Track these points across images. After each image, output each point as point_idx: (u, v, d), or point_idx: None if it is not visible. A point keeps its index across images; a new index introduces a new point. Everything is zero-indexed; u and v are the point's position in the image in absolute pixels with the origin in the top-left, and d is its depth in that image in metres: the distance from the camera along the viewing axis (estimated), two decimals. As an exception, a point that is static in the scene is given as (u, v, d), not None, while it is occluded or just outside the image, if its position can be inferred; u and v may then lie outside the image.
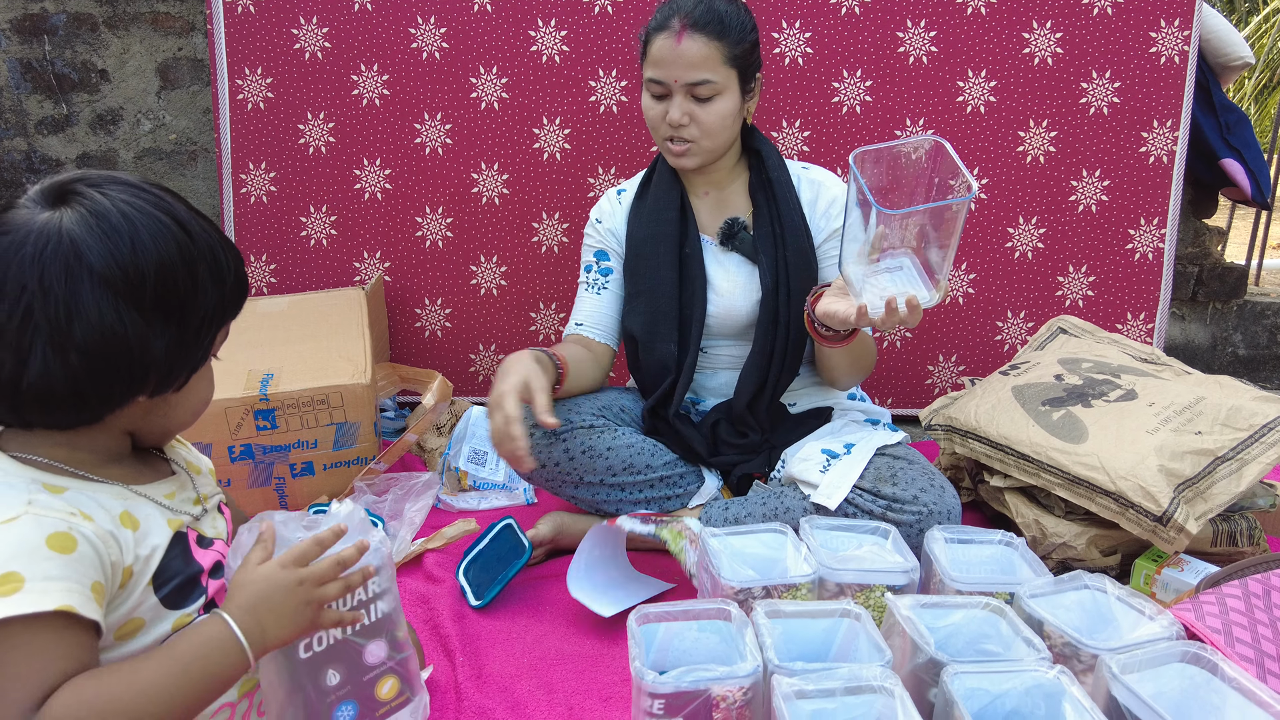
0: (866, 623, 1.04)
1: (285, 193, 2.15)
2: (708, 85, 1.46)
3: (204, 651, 0.71)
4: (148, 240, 0.72)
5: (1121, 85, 2.10)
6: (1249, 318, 2.52)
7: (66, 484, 0.74)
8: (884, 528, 1.29)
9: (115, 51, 2.30)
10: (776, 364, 1.57)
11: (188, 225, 0.75)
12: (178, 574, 0.77)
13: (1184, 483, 1.38)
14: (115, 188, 0.73)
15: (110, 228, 0.71)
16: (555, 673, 1.24)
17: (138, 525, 0.75)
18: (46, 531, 0.68)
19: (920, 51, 2.08)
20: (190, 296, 0.75)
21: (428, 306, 2.22)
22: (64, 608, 0.65)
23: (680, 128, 1.48)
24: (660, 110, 1.49)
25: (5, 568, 0.65)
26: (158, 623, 0.76)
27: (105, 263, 0.70)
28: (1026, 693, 0.94)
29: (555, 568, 1.54)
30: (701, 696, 0.93)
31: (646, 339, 1.59)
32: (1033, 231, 2.18)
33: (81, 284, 0.69)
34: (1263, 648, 1.04)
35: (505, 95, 2.10)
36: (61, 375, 0.70)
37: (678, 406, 1.59)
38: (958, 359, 2.25)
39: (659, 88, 1.48)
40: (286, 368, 1.69)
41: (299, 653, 0.77)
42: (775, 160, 1.59)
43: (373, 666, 0.82)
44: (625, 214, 1.66)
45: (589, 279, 1.68)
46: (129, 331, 0.71)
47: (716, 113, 1.48)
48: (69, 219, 0.70)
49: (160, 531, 0.77)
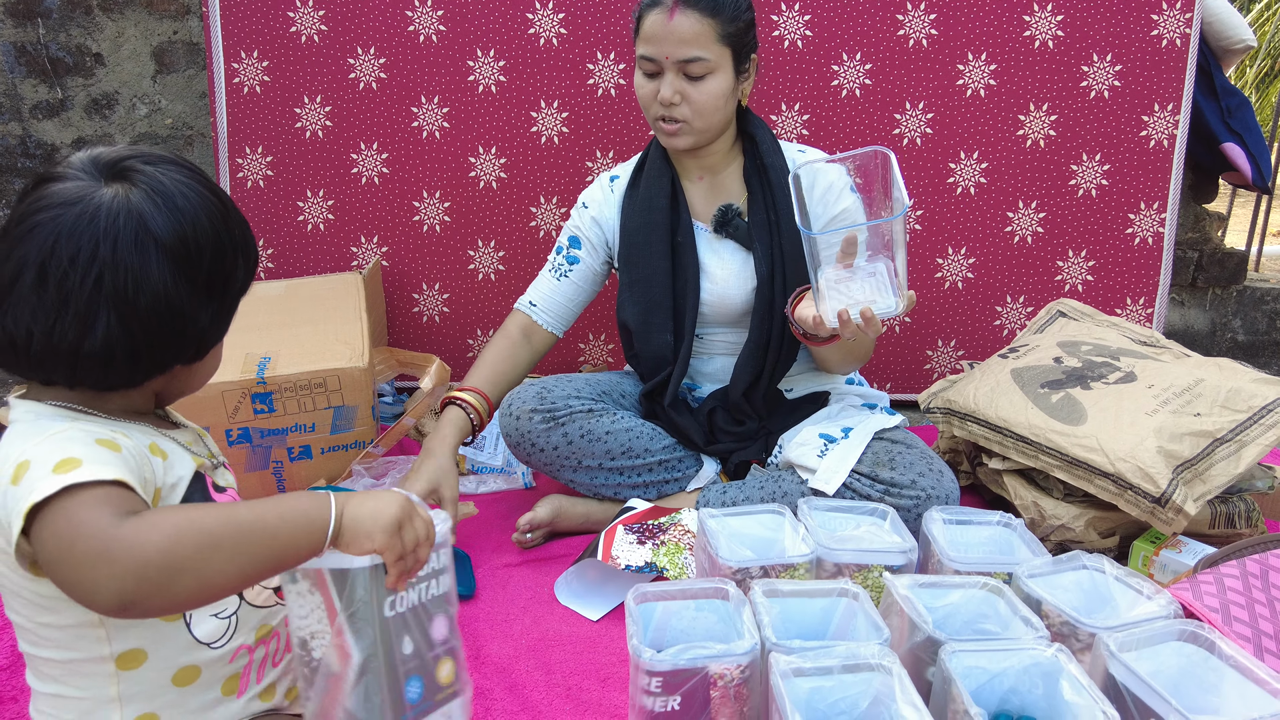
0: (864, 602, 1.04)
1: (282, 177, 2.14)
2: (700, 63, 1.44)
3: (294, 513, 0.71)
4: (204, 218, 0.78)
5: (1123, 68, 2.09)
6: (1248, 303, 2.52)
7: (101, 422, 0.79)
8: (882, 509, 1.29)
9: (110, 35, 2.28)
10: (773, 352, 1.56)
11: (228, 204, 0.81)
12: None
13: (1183, 464, 1.38)
14: (168, 167, 0.79)
15: (175, 206, 0.76)
16: (553, 653, 1.25)
17: (166, 455, 0.80)
18: (94, 436, 0.73)
19: (920, 34, 2.07)
20: (232, 271, 0.81)
21: (425, 291, 2.21)
22: (121, 479, 0.69)
23: (671, 106, 1.46)
24: (652, 89, 1.48)
25: (64, 454, 0.69)
26: None
27: (171, 237, 0.75)
28: (1024, 671, 0.94)
29: (554, 550, 1.54)
30: (699, 674, 0.93)
31: (642, 329, 1.59)
32: (1032, 216, 2.17)
33: (150, 256, 0.74)
34: (1260, 627, 1.04)
35: (503, 78, 2.09)
36: (123, 341, 0.74)
37: (673, 396, 1.59)
38: (956, 344, 2.25)
39: (651, 65, 1.46)
40: (284, 351, 1.69)
41: (385, 610, 0.75)
42: (770, 145, 1.57)
43: (437, 643, 0.81)
44: (618, 202, 1.64)
45: (555, 261, 1.67)
46: (184, 302, 0.76)
47: (708, 92, 1.46)
48: (135, 195, 0.75)
49: (185, 464, 0.82)
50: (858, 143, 2.12)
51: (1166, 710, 0.84)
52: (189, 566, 0.65)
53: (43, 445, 0.71)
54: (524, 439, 1.53)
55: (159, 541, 0.64)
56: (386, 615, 0.75)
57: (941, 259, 2.19)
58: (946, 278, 2.20)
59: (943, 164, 2.14)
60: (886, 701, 0.89)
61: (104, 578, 0.63)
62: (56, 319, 0.72)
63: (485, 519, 1.63)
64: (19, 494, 0.67)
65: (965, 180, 2.15)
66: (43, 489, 0.66)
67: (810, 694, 0.90)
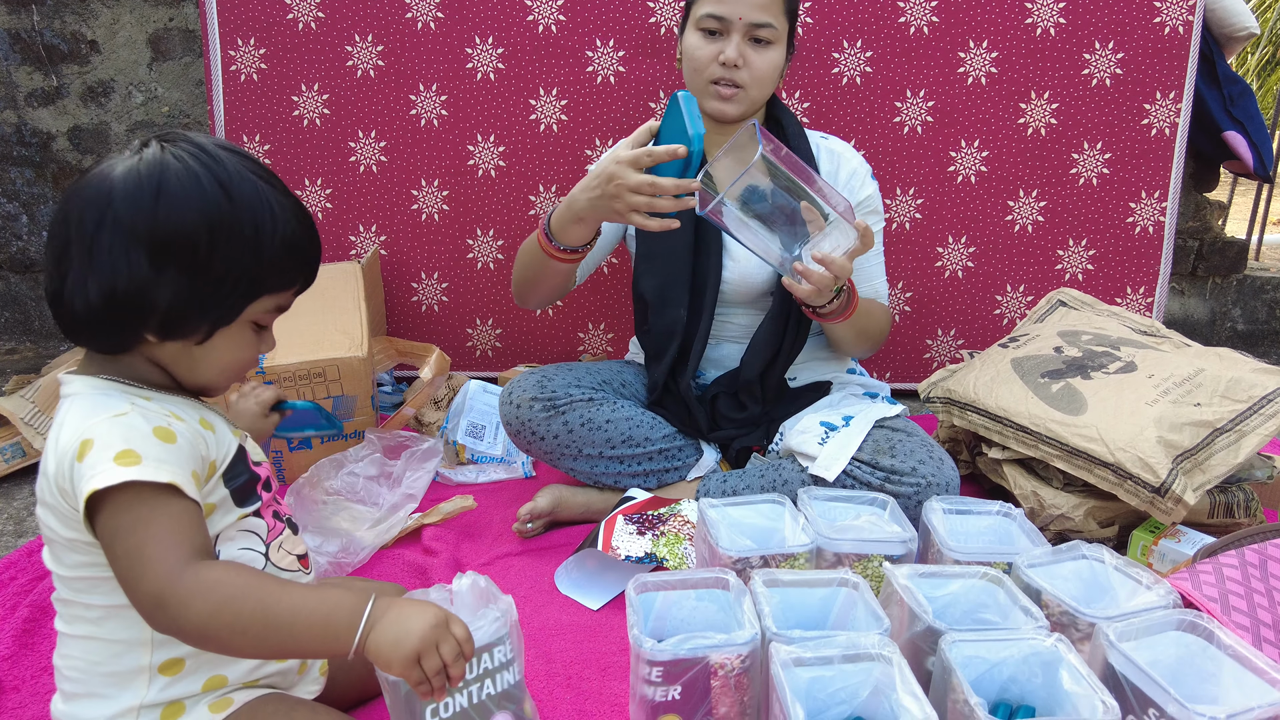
0: (864, 592, 1.04)
1: (280, 166, 2.13)
2: (768, 29, 1.43)
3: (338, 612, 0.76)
4: (176, 198, 0.78)
5: (1124, 56, 2.08)
6: (1248, 292, 2.52)
7: (151, 394, 0.83)
8: (882, 498, 1.29)
9: (105, 22, 2.27)
10: (790, 333, 1.56)
11: (231, 189, 0.80)
12: (242, 474, 0.87)
13: (1182, 454, 1.38)
14: (183, 145, 0.81)
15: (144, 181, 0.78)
16: (554, 643, 1.25)
17: (214, 428, 0.85)
18: (152, 424, 0.78)
19: (921, 21, 2.05)
20: (208, 256, 0.79)
21: (424, 280, 2.21)
22: (173, 482, 0.75)
23: (734, 70, 1.44)
24: (713, 50, 1.45)
25: (125, 446, 0.75)
26: (226, 514, 0.85)
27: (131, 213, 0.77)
28: (1024, 660, 0.95)
29: (554, 540, 1.54)
30: (700, 664, 0.93)
31: (657, 302, 1.58)
32: (1033, 205, 2.16)
33: (104, 228, 0.77)
34: (1258, 616, 1.04)
35: (501, 66, 2.08)
36: (83, 302, 0.77)
37: (693, 372, 1.58)
38: (956, 333, 2.25)
39: (717, 23, 1.43)
40: (283, 341, 1.67)
41: (427, 715, 0.77)
42: (796, 129, 1.58)
43: None
44: None
45: None
46: (131, 273, 0.77)
47: (770, 61, 1.46)
48: (121, 168, 0.79)
49: (228, 437, 0.87)
50: (858, 131, 2.11)
51: (1165, 699, 0.84)
52: (218, 638, 0.74)
53: (104, 426, 0.76)
54: (524, 427, 1.53)
55: (202, 610, 0.72)
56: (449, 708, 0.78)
57: (942, 248, 2.19)
58: (947, 267, 2.20)
59: (943, 152, 2.13)
60: (886, 691, 0.90)
61: (148, 608, 0.73)
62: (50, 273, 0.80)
63: (485, 509, 1.63)
64: (82, 472, 0.74)
65: (966, 169, 2.14)
66: (104, 477, 0.72)
67: (810, 683, 0.91)
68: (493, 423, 1.86)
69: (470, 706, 0.79)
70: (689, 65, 1.50)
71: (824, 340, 1.67)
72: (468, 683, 0.79)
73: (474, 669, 0.80)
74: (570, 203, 1.36)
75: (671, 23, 2.05)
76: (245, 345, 0.87)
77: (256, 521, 0.88)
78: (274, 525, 0.91)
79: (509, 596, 0.84)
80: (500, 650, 0.82)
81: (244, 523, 0.86)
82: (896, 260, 2.18)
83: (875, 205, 1.62)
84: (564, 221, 1.38)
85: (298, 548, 0.94)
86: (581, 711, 1.12)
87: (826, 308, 1.40)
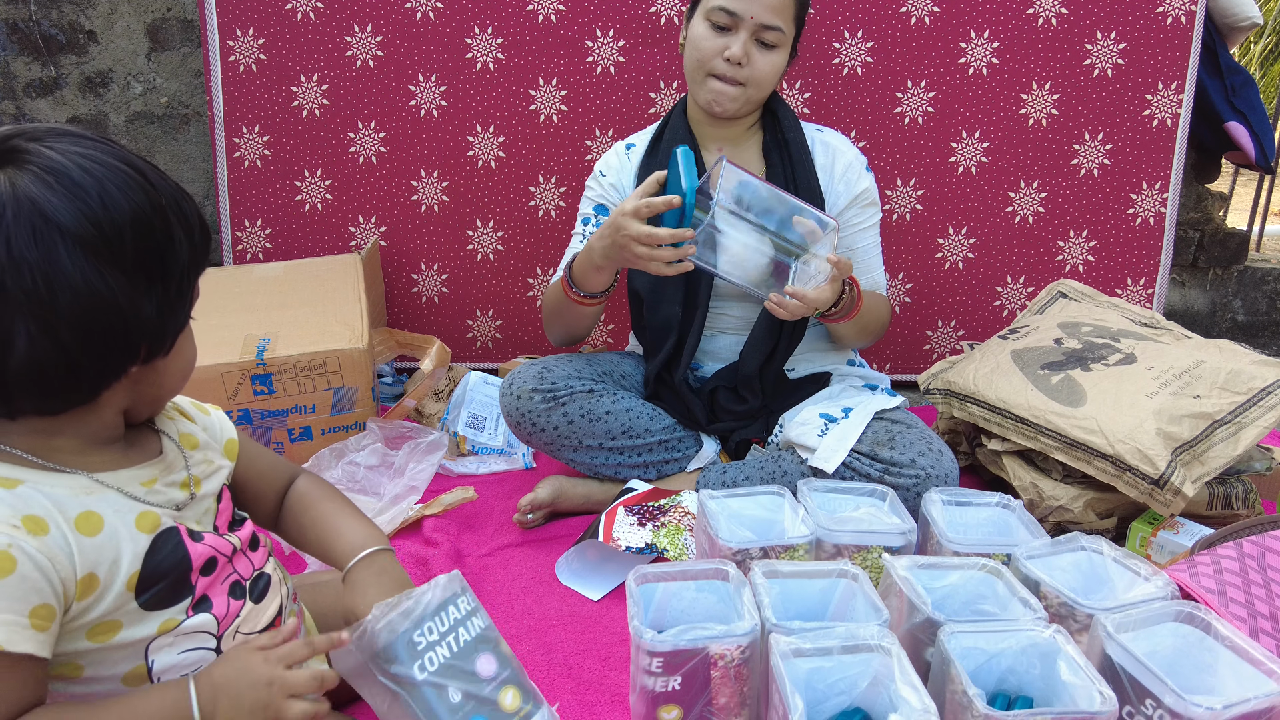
0: (864, 583, 1.04)
1: (279, 157, 2.13)
2: (776, 33, 1.44)
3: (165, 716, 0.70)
4: (116, 193, 0.66)
5: (1126, 46, 2.07)
6: (1249, 284, 2.51)
7: (23, 475, 0.68)
8: (881, 490, 1.29)
9: (103, 11, 2.26)
10: (789, 327, 1.56)
11: (147, 173, 0.70)
12: (164, 576, 0.73)
13: (1181, 446, 1.39)
14: (61, 140, 0.67)
15: (73, 183, 0.64)
16: (555, 633, 1.25)
17: (100, 527, 0.70)
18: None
19: (922, 11, 2.04)
20: (168, 248, 0.70)
21: (424, 272, 2.21)
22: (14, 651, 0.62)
23: (738, 66, 1.44)
24: (719, 43, 1.45)
25: None
26: (139, 625, 0.72)
27: (77, 221, 0.64)
28: (1022, 652, 0.95)
29: (554, 531, 1.54)
30: (700, 655, 0.93)
31: (652, 299, 1.58)
32: (1033, 196, 2.16)
33: (56, 248, 0.63)
34: (1256, 608, 1.05)
35: (501, 56, 2.07)
36: (52, 353, 0.64)
37: (686, 368, 1.59)
38: (957, 324, 2.25)
39: (727, 18, 1.43)
40: (283, 333, 1.69)
41: (417, 673, 0.77)
42: (791, 121, 1.58)
43: (489, 679, 0.82)
44: (635, 170, 1.63)
45: (585, 233, 1.66)
46: (117, 294, 0.66)
47: (773, 64, 1.46)
48: (23, 180, 0.63)
49: (130, 533, 0.72)
50: (859, 121, 2.11)
51: (1162, 690, 0.85)
52: None
53: None
54: (524, 418, 1.53)
55: None
56: (419, 679, 0.78)
57: (942, 239, 2.19)
58: (947, 258, 2.20)
59: (944, 143, 2.12)
60: (885, 682, 0.90)
61: None
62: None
63: (486, 500, 1.64)
64: None
65: (966, 160, 2.13)
66: None
67: (810, 674, 0.91)
68: (493, 414, 1.86)
69: (452, 655, 0.81)
70: (692, 53, 1.49)
71: (823, 331, 1.67)
72: (444, 633, 0.80)
73: (445, 621, 0.81)
74: (588, 252, 1.41)
75: (672, 13, 2.04)
76: (192, 338, 0.78)
77: (198, 620, 0.75)
78: (229, 609, 0.78)
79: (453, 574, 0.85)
80: (461, 600, 0.84)
81: (179, 628, 0.74)
82: (897, 251, 2.18)
83: (872, 197, 1.62)
84: (584, 270, 1.44)
85: (265, 615, 0.83)
86: (582, 701, 1.12)
87: (830, 311, 1.43)
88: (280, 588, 0.87)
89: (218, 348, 1.62)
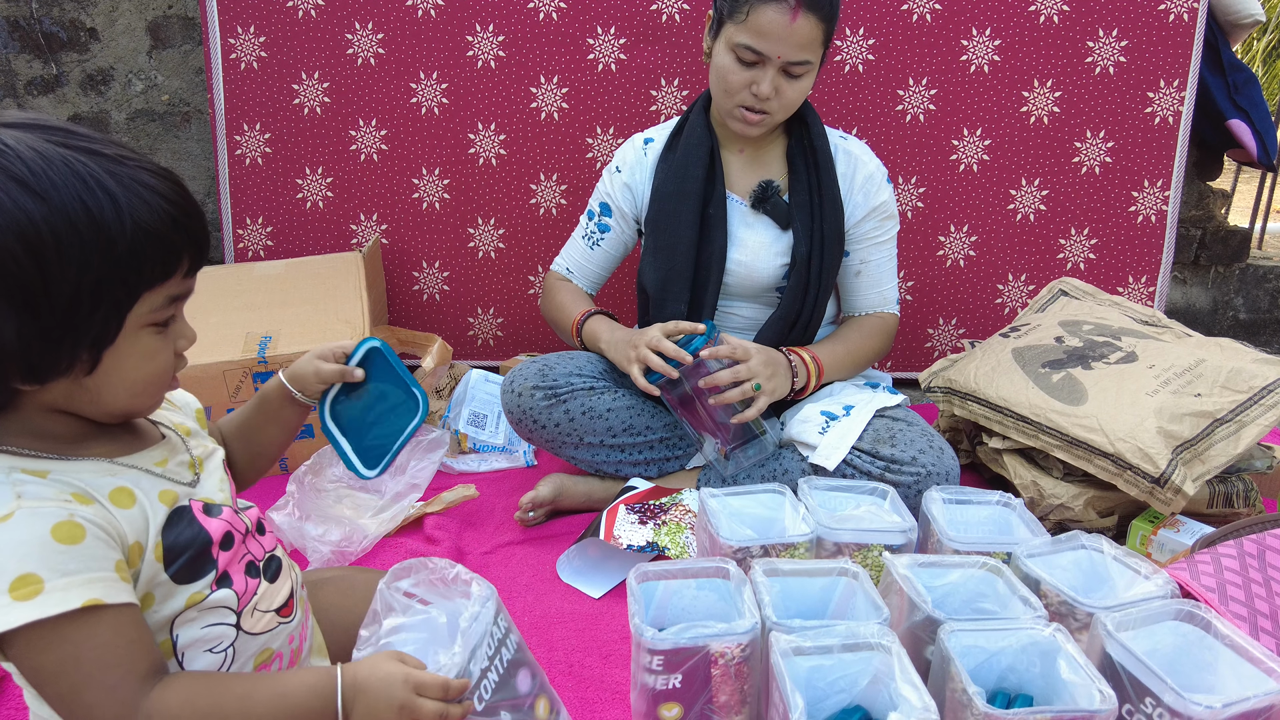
0: (864, 581, 1.04)
1: (280, 154, 2.13)
2: (805, 65, 1.43)
3: (311, 704, 0.72)
4: None
5: (1129, 44, 2.06)
6: (1250, 282, 2.51)
7: (46, 466, 0.68)
8: (882, 488, 1.29)
9: (104, 9, 2.26)
10: (798, 331, 1.56)
11: (41, 188, 0.61)
12: (186, 548, 0.73)
13: (1182, 444, 1.39)
14: None
15: None
16: (555, 631, 1.26)
17: (133, 500, 0.71)
18: (48, 524, 0.63)
19: (924, 9, 2.04)
20: (36, 279, 0.62)
21: (425, 269, 2.21)
22: (90, 602, 0.62)
23: (766, 101, 1.44)
24: (746, 78, 1.43)
25: (20, 570, 0.61)
26: (169, 599, 0.72)
27: None
28: (1022, 650, 0.95)
29: (555, 529, 1.55)
30: (700, 653, 0.94)
31: (659, 296, 1.58)
32: (1035, 193, 2.16)
33: None
34: (1256, 606, 1.05)
35: (502, 53, 2.07)
36: None
37: None
38: (958, 322, 2.25)
39: (754, 56, 1.41)
40: (285, 330, 1.69)
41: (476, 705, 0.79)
42: (819, 129, 1.57)
43: (526, 693, 0.85)
44: (651, 166, 1.62)
45: (588, 228, 1.66)
46: None
47: (801, 89, 1.46)
48: None
49: (155, 504, 0.73)
50: (861, 119, 2.10)
51: (1162, 689, 0.85)
52: None
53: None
54: (526, 415, 1.53)
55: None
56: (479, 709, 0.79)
57: (943, 236, 2.18)
58: (948, 256, 2.20)
59: (945, 141, 2.12)
60: (885, 680, 0.90)
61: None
62: None
63: (487, 497, 1.64)
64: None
65: (968, 157, 2.13)
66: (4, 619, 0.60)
67: (810, 672, 0.91)
68: (494, 411, 1.86)
69: (499, 677, 0.82)
70: (719, 84, 1.48)
71: (829, 332, 1.67)
72: (490, 660, 0.82)
73: (491, 645, 0.82)
74: (600, 342, 1.56)
75: (673, 10, 2.03)
76: (151, 353, 0.71)
77: (220, 595, 0.76)
78: (246, 586, 0.79)
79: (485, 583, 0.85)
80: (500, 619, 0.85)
81: (204, 602, 0.74)
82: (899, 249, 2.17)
83: (890, 210, 1.62)
84: (593, 345, 1.58)
85: (279, 595, 0.83)
86: (583, 699, 1.12)
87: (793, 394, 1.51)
88: (290, 572, 0.88)
89: (219, 345, 1.63)
